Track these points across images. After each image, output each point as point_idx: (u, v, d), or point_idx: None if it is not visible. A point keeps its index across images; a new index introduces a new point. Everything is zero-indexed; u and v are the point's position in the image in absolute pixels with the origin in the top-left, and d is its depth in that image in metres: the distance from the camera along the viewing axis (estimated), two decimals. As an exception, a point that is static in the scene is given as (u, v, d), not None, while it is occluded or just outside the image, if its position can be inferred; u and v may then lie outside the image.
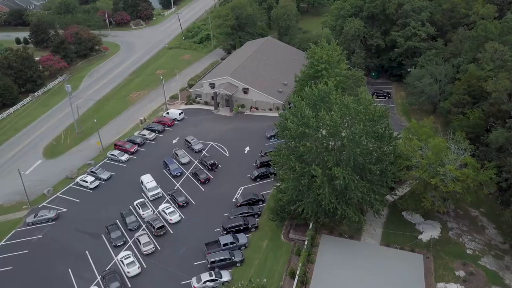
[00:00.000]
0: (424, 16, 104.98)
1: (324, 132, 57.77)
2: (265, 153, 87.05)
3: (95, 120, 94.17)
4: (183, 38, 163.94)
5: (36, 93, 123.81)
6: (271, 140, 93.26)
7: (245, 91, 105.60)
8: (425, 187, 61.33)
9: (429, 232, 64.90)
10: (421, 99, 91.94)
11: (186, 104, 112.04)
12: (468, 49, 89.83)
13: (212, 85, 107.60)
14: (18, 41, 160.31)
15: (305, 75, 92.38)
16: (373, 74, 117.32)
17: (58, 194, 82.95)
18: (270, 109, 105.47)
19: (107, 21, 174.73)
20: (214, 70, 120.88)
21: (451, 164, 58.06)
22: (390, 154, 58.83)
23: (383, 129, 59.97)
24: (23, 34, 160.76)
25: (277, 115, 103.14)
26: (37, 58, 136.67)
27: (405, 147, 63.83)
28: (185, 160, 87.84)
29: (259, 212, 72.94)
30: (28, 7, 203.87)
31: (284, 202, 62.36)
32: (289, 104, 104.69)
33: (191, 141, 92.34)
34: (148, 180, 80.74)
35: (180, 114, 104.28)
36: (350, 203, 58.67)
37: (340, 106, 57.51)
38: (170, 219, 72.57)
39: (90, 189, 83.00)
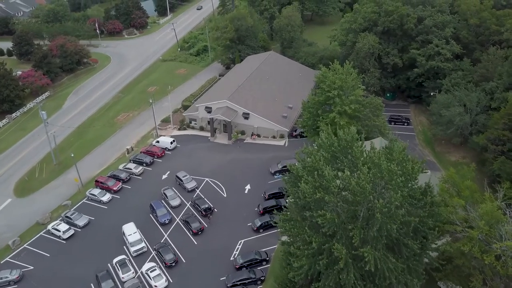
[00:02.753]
0: (448, 32, 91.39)
1: (347, 194, 44.11)
2: (269, 195, 73.50)
3: (72, 154, 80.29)
4: (179, 49, 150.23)
5: (13, 114, 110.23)
6: (275, 177, 79.69)
7: (246, 116, 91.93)
8: (473, 263, 47.67)
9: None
10: (449, 131, 78.18)
11: (179, 129, 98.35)
12: (504, 73, 76.04)
13: (209, 109, 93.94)
14: (1, 52, 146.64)
15: (315, 102, 78.65)
16: (388, 95, 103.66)
17: (25, 245, 69.47)
18: (274, 137, 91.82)
19: (97, 30, 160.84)
20: (211, 90, 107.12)
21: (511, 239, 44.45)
22: (429, 222, 45.24)
23: (423, 191, 46.26)
24: (9, 44, 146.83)
25: (282, 144, 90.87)
26: (19, 72, 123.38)
27: (445, 207, 50.08)
28: (175, 202, 74.25)
29: (263, 278, 59.31)
30: (16, 14, 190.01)
31: (295, 279, 48.67)
32: (295, 132, 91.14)
33: (182, 178, 78.69)
34: (130, 232, 67.16)
35: (171, 143, 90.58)
36: (380, 286, 44.99)
37: (369, 164, 43.80)
38: (155, 286, 58.90)
39: (63, 239, 69.45)
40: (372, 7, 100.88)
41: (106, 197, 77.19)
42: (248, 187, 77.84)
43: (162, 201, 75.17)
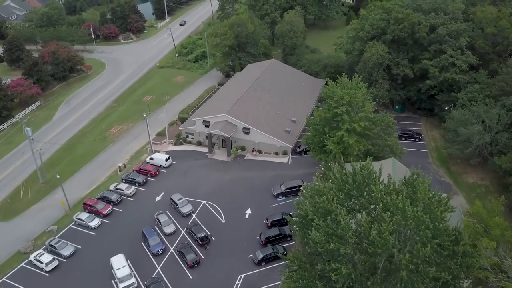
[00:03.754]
0: (463, 41, 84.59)
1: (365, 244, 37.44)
2: (272, 222, 66.87)
3: (58, 176, 73.48)
4: (176, 55, 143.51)
5: (0, 127, 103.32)
6: (278, 199, 73.04)
7: (246, 131, 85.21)
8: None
9: None
10: (467, 150, 71.40)
11: (175, 144, 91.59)
12: (527, 88, 69.47)
13: (207, 123, 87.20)
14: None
15: (321, 118, 71.91)
16: (397, 107, 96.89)
17: (4, 278, 62.81)
18: (276, 153, 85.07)
19: (92, 35, 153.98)
20: (209, 102, 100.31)
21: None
22: (461, 275, 38.58)
23: (453, 240, 39.56)
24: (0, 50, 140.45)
25: (285, 161, 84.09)
26: (8, 80, 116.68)
27: (473, 249, 43.39)
28: (169, 229, 67.59)
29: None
30: (10, 17, 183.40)
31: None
32: (299, 148, 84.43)
33: (177, 202, 71.98)
34: (119, 265, 60.47)
35: (166, 160, 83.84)
36: None
37: (392, 210, 37.09)
38: (145, 330, 52.29)
39: (46, 271, 62.81)
40: (380, 14, 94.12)
41: (95, 222, 70.51)
42: (248, 211, 71.13)
43: (156, 227, 68.55)
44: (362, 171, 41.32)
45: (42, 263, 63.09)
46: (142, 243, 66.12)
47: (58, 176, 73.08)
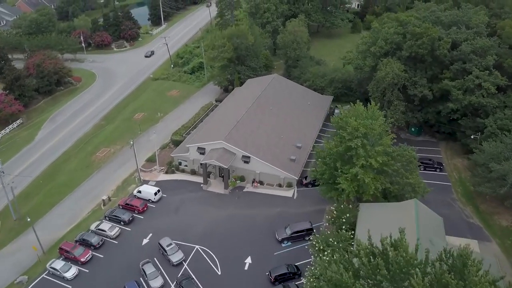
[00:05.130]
0: (490, 60, 74.15)
1: None
2: (276, 277, 56.55)
3: (29, 219, 62.99)
4: (172, 66, 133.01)
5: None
6: (283, 245, 62.82)
7: (246, 160, 74.87)
8: None
9: None
10: (501, 190, 61.03)
11: (166, 172, 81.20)
12: None
13: (202, 151, 76.89)
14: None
15: (333, 152, 61.51)
16: (413, 129, 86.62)
17: None
18: (280, 185, 74.76)
19: (83, 43, 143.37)
20: (206, 123, 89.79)
21: None
22: None
23: None
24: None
25: (289, 195, 73.80)
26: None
27: None
28: (156, 283, 57.53)
29: None
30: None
31: None
32: (305, 179, 74.06)
33: (167, 248, 61.66)
34: (94, 335, 50.08)
35: (156, 193, 73.45)
36: None
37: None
38: None
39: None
40: (395, 27, 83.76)
41: (71, 272, 60.27)
42: (248, 260, 60.84)
43: (141, 279, 58.31)
44: (399, 256, 30.88)
45: (5, 328, 52.83)
46: (124, 301, 55.85)
47: (28, 219, 62.52)
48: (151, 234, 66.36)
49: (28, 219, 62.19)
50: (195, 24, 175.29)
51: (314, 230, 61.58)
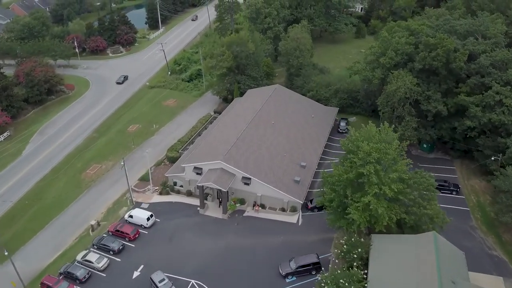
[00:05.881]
0: (511, 74, 67.73)
1: None
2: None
3: (6, 252, 56.51)
4: (169, 73, 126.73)
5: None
6: (287, 280, 56.60)
7: (246, 182, 68.55)
8: None
9: None
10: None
11: (160, 193, 74.88)
12: None
13: (198, 171, 70.62)
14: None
15: (343, 179, 55.20)
16: (425, 146, 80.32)
17: None
18: (283, 210, 68.46)
19: (77, 49, 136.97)
20: (203, 140, 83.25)
21: None
22: None
23: None
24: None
25: (294, 221, 67.54)
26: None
27: None
28: (147, 327, 51.05)
29: None
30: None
31: None
32: (311, 203, 67.79)
33: (159, 285, 55.42)
34: None
35: (148, 219, 67.22)
36: None
37: None
38: None
39: None
40: (406, 37, 77.38)
41: (53, 313, 54.00)
42: (250, 299, 54.55)
43: (130, 321, 52.07)
44: None
45: None
46: None
47: (6, 253, 56.06)
48: (142, 266, 60.20)
49: (6, 253, 55.67)
50: (194, 27, 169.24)
51: (323, 268, 55.27)
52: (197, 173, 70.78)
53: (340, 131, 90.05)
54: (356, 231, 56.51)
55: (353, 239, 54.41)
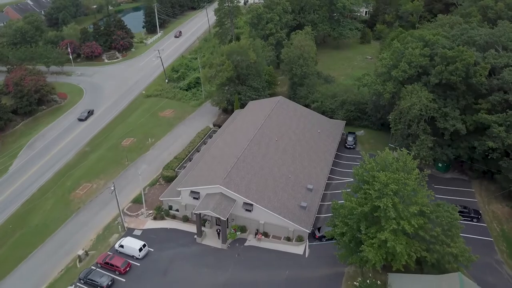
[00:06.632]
0: (538, 91, 61.42)
1: None
2: None
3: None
4: (166, 80, 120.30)
5: None
6: (293, 324, 50.01)
7: (248, 208, 62.13)
8: None
9: None
10: None
11: (155, 218, 68.48)
12: None
13: (195, 195, 64.27)
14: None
15: (357, 213, 48.81)
16: (440, 165, 73.83)
17: None
18: (288, 239, 62.05)
19: (70, 55, 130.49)
20: (200, 158, 76.65)
21: None
22: None
23: None
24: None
25: (300, 252, 61.15)
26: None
27: None
28: None
29: None
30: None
31: None
32: (319, 232, 61.48)
33: (151, 331, 48.97)
34: None
35: (141, 249, 60.81)
36: None
37: None
38: None
39: None
40: (420, 48, 70.90)
41: None
42: None
43: None
44: None
45: None
46: None
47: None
48: (133, 305, 53.79)
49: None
50: (193, 31, 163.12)
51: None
52: (194, 198, 64.43)
53: (348, 146, 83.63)
54: (371, 270, 50.27)
55: (368, 281, 48.07)
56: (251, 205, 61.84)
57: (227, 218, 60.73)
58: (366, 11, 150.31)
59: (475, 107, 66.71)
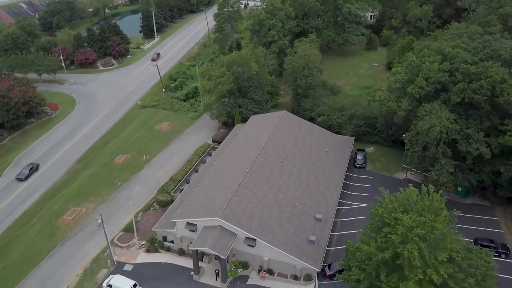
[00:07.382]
0: None
1: None
2: None
3: None
4: (163, 90, 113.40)
5: None
6: None
7: (250, 244, 55.34)
8: None
9: None
10: None
11: (148, 250, 61.71)
12: None
13: (192, 227, 57.54)
14: None
15: (376, 261, 42.06)
16: (460, 190, 66.98)
17: None
18: (295, 278, 55.29)
19: (63, 62, 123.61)
20: (197, 183, 69.61)
21: None
22: None
23: None
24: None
25: (308, 293, 54.37)
26: None
27: None
28: None
29: None
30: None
31: None
32: (329, 270, 54.79)
33: None
34: None
35: (131, 290, 54.13)
36: None
37: None
38: None
39: None
40: (438, 63, 63.99)
41: None
42: None
43: None
44: None
45: None
46: None
47: None
48: None
49: None
50: (192, 36, 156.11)
51: None
52: (191, 230, 57.67)
53: (357, 165, 76.87)
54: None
55: None
56: (254, 240, 55.12)
57: (228, 253, 53.93)
58: (371, 15, 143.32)
59: (501, 128, 59.82)
